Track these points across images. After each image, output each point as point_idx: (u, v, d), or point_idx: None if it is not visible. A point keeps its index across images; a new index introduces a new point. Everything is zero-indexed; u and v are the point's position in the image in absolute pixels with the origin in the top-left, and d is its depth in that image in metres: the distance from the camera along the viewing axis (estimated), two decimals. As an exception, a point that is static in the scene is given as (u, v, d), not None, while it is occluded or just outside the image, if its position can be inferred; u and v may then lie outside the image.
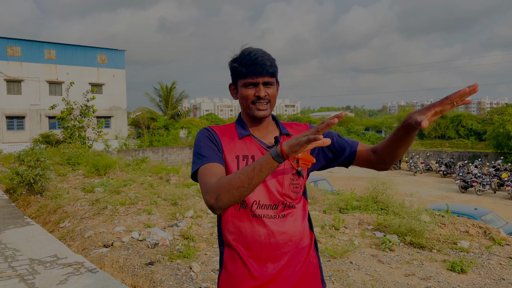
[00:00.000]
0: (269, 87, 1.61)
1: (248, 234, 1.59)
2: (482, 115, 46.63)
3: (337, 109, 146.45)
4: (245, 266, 1.59)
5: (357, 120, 53.39)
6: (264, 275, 1.57)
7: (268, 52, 1.65)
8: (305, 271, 1.65)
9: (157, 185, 9.35)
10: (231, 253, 1.62)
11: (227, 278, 1.63)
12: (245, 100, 1.62)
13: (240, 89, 1.63)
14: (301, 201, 1.69)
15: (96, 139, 22.11)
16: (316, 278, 1.69)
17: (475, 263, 4.53)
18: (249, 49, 1.62)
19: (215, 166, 1.54)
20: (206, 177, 1.50)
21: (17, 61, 31.62)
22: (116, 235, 5.40)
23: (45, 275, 4.09)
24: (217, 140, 1.64)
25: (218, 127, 1.72)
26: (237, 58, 1.63)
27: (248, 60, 1.58)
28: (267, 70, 1.57)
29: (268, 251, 1.58)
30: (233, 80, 1.68)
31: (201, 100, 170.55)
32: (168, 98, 40.98)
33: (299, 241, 1.64)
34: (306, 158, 1.52)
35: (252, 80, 1.59)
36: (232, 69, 1.65)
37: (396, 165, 30.38)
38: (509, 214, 15.47)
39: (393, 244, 5.14)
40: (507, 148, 30.64)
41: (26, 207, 7.94)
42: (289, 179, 1.62)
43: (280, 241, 1.59)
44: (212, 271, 4.18)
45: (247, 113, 1.66)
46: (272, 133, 1.70)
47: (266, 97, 1.60)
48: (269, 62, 1.58)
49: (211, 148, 1.60)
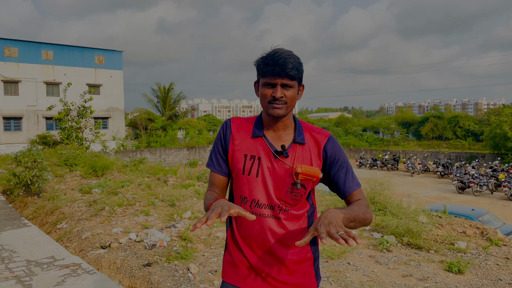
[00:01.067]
0: (288, 89, 1.62)
1: (245, 226, 1.71)
2: (479, 116, 46.80)
3: (335, 110, 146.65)
4: (241, 252, 1.75)
5: (355, 121, 53.48)
6: (258, 264, 1.71)
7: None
8: (298, 266, 1.72)
9: (155, 186, 9.33)
10: (233, 236, 1.78)
11: (229, 258, 1.80)
12: (263, 99, 1.66)
13: (260, 88, 1.67)
14: (304, 207, 1.73)
15: (94, 140, 22.05)
16: (310, 273, 1.76)
17: (472, 263, 4.54)
18: (276, 50, 1.64)
19: (214, 177, 1.78)
20: (208, 183, 1.82)
21: (14, 62, 31.55)
22: (114, 236, 5.39)
23: (42, 277, 4.08)
24: (227, 138, 1.75)
25: (238, 120, 1.79)
26: (263, 57, 1.65)
27: (270, 60, 1.60)
28: (286, 72, 1.58)
29: (261, 245, 1.70)
30: (257, 77, 1.72)
31: (199, 101, 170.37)
32: (165, 99, 40.91)
33: (291, 241, 1.70)
34: (308, 173, 1.58)
35: (270, 81, 1.61)
36: (256, 67, 1.69)
37: (394, 166, 30.42)
38: (506, 214, 15.51)
39: (390, 244, 5.14)
40: (504, 149, 30.72)
41: (23, 208, 7.91)
42: (288, 187, 1.66)
43: (272, 240, 1.68)
44: (210, 272, 4.17)
45: (265, 111, 1.70)
46: (286, 137, 1.71)
47: (282, 99, 1.62)
48: (291, 64, 1.58)
49: (219, 152, 1.77)
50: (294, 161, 1.66)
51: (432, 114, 46.58)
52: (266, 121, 1.72)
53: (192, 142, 36.06)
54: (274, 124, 1.70)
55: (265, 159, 1.67)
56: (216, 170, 1.77)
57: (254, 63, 1.70)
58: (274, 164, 1.66)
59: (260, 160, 1.67)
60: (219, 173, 1.77)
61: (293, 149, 1.68)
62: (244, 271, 1.73)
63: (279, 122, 1.69)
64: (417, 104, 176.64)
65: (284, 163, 1.66)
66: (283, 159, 1.66)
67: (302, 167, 1.59)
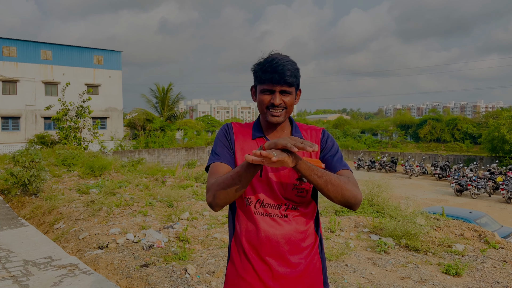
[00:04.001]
0: (286, 96, 1.64)
1: (251, 230, 1.66)
2: (477, 119, 46.93)
3: (333, 111, 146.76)
4: (248, 261, 1.66)
5: (353, 123, 53.56)
6: (265, 272, 1.63)
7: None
8: (306, 270, 1.67)
9: (153, 186, 9.32)
10: (238, 246, 1.71)
11: (233, 270, 1.72)
12: (261, 105, 1.67)
13: (258, 94, 1.67)
14: (309, 205, 1.72)
15: (92, 140, 22.02)
16: (318, 279, 1.72)
17: (470, 266, 4.55)
18: (273, 56, 1.64)
19: (222, 166, 1.65)
20: (211, 175, 1.63)
21: (12, 61, 31.49)
22: (111, 237, 5.38)
23: (39, 277, 4.07)
24: (232, 138, 1.73)
25: (238, 124, 1.79)
26: (260, 63, 1.66)
27: (268, 67, 1.61)
28: (285, 80, 1.59)
29: (268, 248, 1.63)
30: (254, 83, 1.72)
31: (198, 101, 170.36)
32: (164, 99, 40.88)
33: (300, 241, 1.67)
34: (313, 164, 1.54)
35: (269, 88, 1.62)
36: (253, 73, 1.69)
37: (392, 168, 30.45)
38: (503, 217, 15.54)
39: (388, 247, 5.14)
40: (502, 151, 30.78)
41: (20, 208, 7.88)
42: (293, 184, 1.65)
43: (279, 239, 1.63)
44: (207, 273, 4.17)
45: (264, 117, 1.70)
46: (285, 136, 1.72)
47: (281, 105, 1.63)
48: (289, 72, 1.60)
49: (225, 146, 1.71)
50: None
51: (430, 116, 46.70)
52: (265, 125, 1.74)
53: (191, 143, 36.05)
54: (274, 128, 1.73)
55: None
56: (225, 161, 1.66)
57: (251, 69, 1.70)
58: None
59: None
60: (229, 163, 1.66)
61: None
62: (250, 284, 1.66)
63: (277, 125, 1.72)
64: (416, 106, 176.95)
65: None
66: None
67: (304, 159, 1.57)
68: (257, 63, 1.67)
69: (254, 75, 1.69)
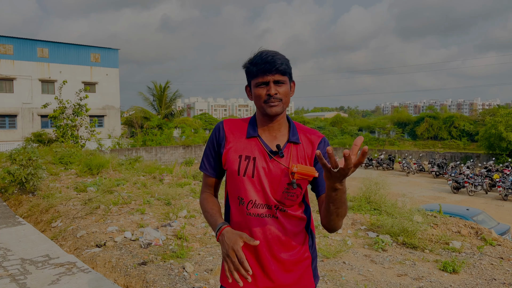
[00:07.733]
0: (281, 86, 1.64)
1: (244, 228, 1.69)
2: (474, 116, 47.05)
3: (331, 109, 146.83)
4: None
5: (351, 121, 53.60)
6: (257, 269, 1.68)
7: None
8: (296, 266, 1.71)
9: (150, 184, 9.31)
10: None
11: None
12: (258, 100, 1.66)
13: (253, 89, 1.68)
14: (300, 208, 1.74)
15: (89, 138, 21.94)
16: (308, 273, 1.76)
17: (467, 263, 4.57)
18: (261, 50, 1.66)
19: (208, 179, 1.85)
20: (202, 184, 1.89)
21: (9, 59, 31.35)
22: (109, 235, 5.37)
23: (36, 275, 4.06)
24: (221, 140, 1.74)
25: (230, 122, 1.78)
26: (250, 59, 1.67)
27: (259, 59, 1.62)
28: (276, 68, 1.60)
29: (259, 246, 1.67)
30: (247, 81, 1.72)
31: (195, 99, 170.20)
32: (161, 97, 40.83)
33: (290, 240, 1.69)
34: (304, 172, 1.53)
35: (263, 79, 1.62)
36: (245, 70, 1.70)
37: (389, 165, 30.52)
38: (500, 214, 15.61)
39: (385, 244, 5.16)
40: (498, 149, 30.91)
41: (17, 206, 7.86)
42: (284, 188, 1.65)
43: (270, 239, 1.67)
44: (205, 271, 4.17)
45: (261, 112, 1.70)
46: (281, 137, 1.71)
47: (277, 95, 1.63)
48: (279, 61, 1.61)
49: (211, 154, 1.80)
50: (289, 161, 1.65)
51: (427, 114, 46.83)
52: (261, 122, 1.72)
53: (188, 141, 36.04)
54: (269, 124, 1.70)
55: (260, 159, 1.66)
56: (208, 173, 1.82)
57: (242, 67, 1.71)
58: (270, 164, 1.65)
59: (255, 161, 1.66)
60: (212, 175, 1.82)
61: (288, 148, 1.68)
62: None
63: (274, 121, 1.69)
64: (413, 104, 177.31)
65: (280, 163, 1.65)
66: (278, 159, 1.65)
67: (298, 166, 1.55)
68: (247, 60, 1.68)
69: (246, 72, 1.70)
